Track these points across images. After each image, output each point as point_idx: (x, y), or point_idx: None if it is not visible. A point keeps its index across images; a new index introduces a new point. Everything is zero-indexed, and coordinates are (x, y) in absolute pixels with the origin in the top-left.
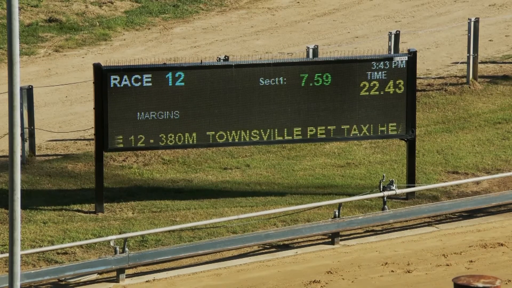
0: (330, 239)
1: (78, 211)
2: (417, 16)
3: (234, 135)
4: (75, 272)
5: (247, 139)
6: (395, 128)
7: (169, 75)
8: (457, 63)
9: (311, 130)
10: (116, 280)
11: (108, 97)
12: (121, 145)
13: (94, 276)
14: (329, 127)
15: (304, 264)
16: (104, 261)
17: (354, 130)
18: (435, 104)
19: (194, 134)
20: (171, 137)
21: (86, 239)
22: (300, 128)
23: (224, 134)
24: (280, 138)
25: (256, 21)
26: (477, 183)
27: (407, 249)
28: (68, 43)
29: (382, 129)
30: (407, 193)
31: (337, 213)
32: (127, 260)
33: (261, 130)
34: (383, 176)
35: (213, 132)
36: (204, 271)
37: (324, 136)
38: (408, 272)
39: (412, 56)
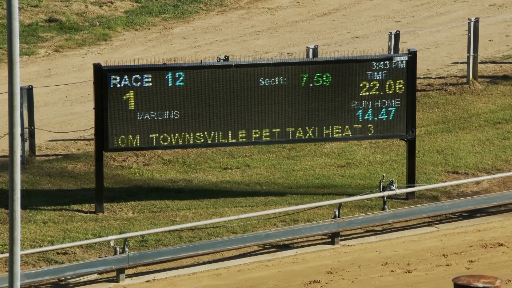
0: (330, 239)
1: (78, 211)
2: (417, 16)
3: (234, 135)
4: (75, 272)
5: (247, 139)
6: (395, 128)
7: (169, 75)
8: (457, 63)
9: (311, 130)
10: (116, 280)
11: (108, 97)
12: (121, 145)
13: (94, 276)
14: (329, 127)
15: (304, 264)
16: (104, 261)
17: (354, 130)
18: (435, 104)
19: (194, 134)
20: (171, 137)
21: (86, 239)
22: (300, 128)
23: (224, 134)
24: (280, 138)
25: (256, 21)
26: (477, 183)
27: (407, 249)
28: (68, 43)
29: (382, 129)
30: (407, 193)
31: (337, 213)
32: (127, 260)
33: (261, 130)
34: (383, 176)
35: (213, 132)
36: (204, 271)
37: (324, 136)
38: (408, 272)
39: (412, 56)
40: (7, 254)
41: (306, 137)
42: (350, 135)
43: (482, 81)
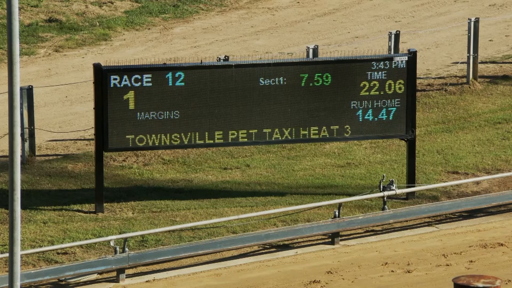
0: (330, 239)
1: (78, 211)
2: (417, 16)
3: (234, 135)
4: (75, 272)
5: (247, 139)
6: (395, 128)
7: (169, 75)
8: (457, 63)
9: (311, 130)
10: (116, 280)
11: (108, 97)
12: (121, 145)
13: (94, 276)
14: (329, 127)
15: (304, 264)
16: (104, 261)
17: (354, 130)
18: (435, 104)
19: (194, 134)
20: (171, 137)
21: (86, 239)
22: (300, 128)
23: (224, 134)
24: (280, 138)
25: (256, 21)
26: (477, 183)
27: (407, 249)
28: (68, 43)
29: (382, 129)
30: (407, 193)
31: (337, 213)
32: (127, 260)
33: (261, 130)
34: (383, 176)
35: (214, 132)
36: (204, 271)
37: (324, 136)
38: (408, 272)
39: (412, 56)
40: (7, 254)
41: (305, 137)
42: (350, 135)
43: (482, 81)
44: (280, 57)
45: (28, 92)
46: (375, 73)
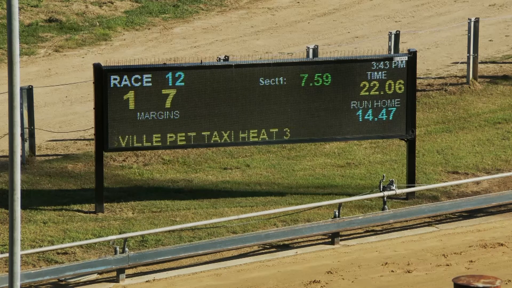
0: (330, 239)
1: (78, 211)
2: (417, 16)
3: (234, 135)
4: (75, 272)
5: (247, 139)
6: (395, 128)
7: (169, 75)
8: (457, 63)
9: (311, 130)
10: (116, 280)
11: (108, 97)
12: (121, 145)
13: (94, 276)
14: (329, 127)
15: (304, 264)
16: (104, 261)
17: (354, 130)
18: (435, 104)
19: (194, 134)
20: (171, 137)
21: (86, 239)
22: (300, 128)
23: (224, 134)
24: (280, 138)
25: (256, 21)
26: (477, 183)
27: (407, 249)
28: (68, 43)
29: (382, 129)
30: (407, 193)
31: (337, 213)
32: (127, 260)
33: (261, 130)
34: (383, 176)
35: (213, 132)
36: (204, 271)
37: (324, 136)
38: (408, 272)
39: (412, 56)
40: (7, 254)
41: (306, 137)
42: (350, 135)
43: (482, 81)
44: (280, 57)
45: (28, 92)
46: (375, 73)
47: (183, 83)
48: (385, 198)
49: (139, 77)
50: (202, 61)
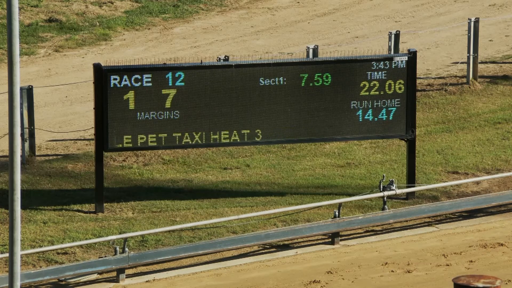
0: (330, 239)
1: (78, 211)
2: (417, 16)
3: (234, 135)
4: (75, 272)
5: (247, 139)
6: (395, 128)
7: (169, 75)
8: (457, 63)
9: (311, 130)
10: (116, 280)
11: (108, 97)
12: (121, 145)
13: (94, 276)
14: (328, 127)
15: (304, 264)
16: (104, 261)
17: (354, 130)
18: (435, 104)
19: (194, 134)
20: (171, 137)
21: (86, 239)
22: (300, 128)
23: (224, 134)
24: (280, 138)
25: (256, 21)
26: (477, 183)
27: (407, 249)
28: (68, 43)
29: (382, 129)
30: (407, 193)
31: (337, 213)
32: (127, 260)
33: (261, 130)
34: (383, 176)
35: (213, 132)
36: (204, 271)
37: (324, 136)
38: (408, 272)
39: (412, 56)
40: (7, 254)
41: (306, 137)
42: (350, 135)
43: (482, 81)
44: (280, 57)
45: (28, 92)
46: (375, 73)
47: (183, 83)
48: (385, 198)
49: (139, 77)
50: (202, 61)
